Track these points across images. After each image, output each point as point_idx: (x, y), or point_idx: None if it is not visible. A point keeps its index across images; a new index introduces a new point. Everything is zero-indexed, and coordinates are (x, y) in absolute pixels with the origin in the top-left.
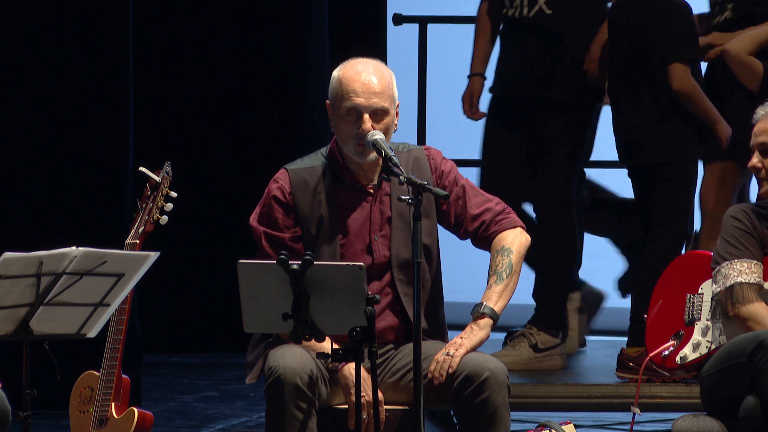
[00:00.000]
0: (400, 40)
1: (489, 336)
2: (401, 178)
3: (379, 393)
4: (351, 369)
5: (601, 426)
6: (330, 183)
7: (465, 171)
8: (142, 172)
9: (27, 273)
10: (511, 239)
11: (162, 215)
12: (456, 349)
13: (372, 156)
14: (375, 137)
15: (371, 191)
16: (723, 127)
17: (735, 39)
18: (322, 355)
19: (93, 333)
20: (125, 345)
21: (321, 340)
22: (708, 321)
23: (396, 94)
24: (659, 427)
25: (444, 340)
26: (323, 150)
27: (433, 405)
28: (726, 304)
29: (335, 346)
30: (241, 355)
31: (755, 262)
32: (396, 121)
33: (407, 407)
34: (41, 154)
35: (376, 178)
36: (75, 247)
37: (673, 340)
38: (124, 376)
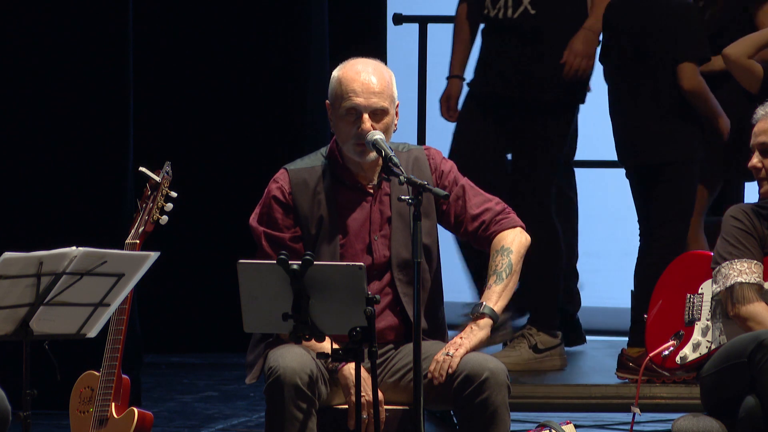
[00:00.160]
0: (400, 40)
1: (489, 336)
2: (401, 178)
3: (379, 393)
4: (351, 369)
5: (601, 426)
6: (330, 183)
7: None
8: (142, 172)
9: (27, 273)
10: (511, 239)
11: (162, 215)
12: (456, 349)
13: (372, 156)
14: (375, 137)
15: (371, 191)
16: (724, 121)
17: (734, 42)
18: (322, 355)
19: (93, 333)
20: (125, 345)
21: (321, 340)
22: (708, 321)
23: (396, 94)
24: (659, 428)
25: (444, 340)
26: (323, 150)
27: (433, 405)
28: (726, 304)
29: (335, 346)
30: (241, 355)
31: (755, 262)
32: (396, 121)
33: (407, 407)
34: (41, 154)
35: (375, 178)
36: (75, 247)
37: (673, 340)
38: (124, 376)
